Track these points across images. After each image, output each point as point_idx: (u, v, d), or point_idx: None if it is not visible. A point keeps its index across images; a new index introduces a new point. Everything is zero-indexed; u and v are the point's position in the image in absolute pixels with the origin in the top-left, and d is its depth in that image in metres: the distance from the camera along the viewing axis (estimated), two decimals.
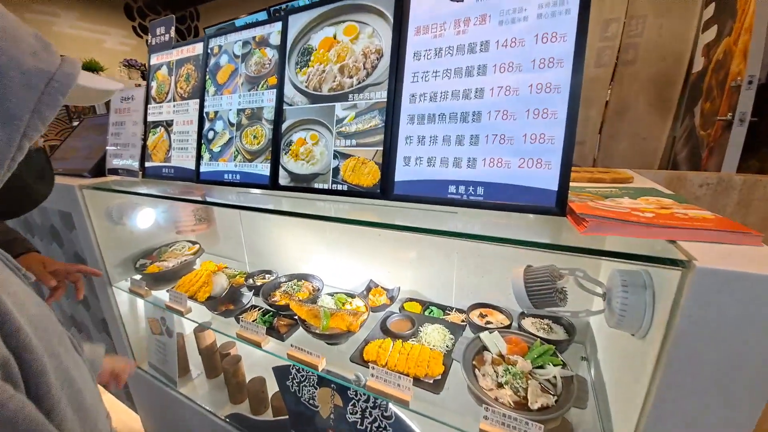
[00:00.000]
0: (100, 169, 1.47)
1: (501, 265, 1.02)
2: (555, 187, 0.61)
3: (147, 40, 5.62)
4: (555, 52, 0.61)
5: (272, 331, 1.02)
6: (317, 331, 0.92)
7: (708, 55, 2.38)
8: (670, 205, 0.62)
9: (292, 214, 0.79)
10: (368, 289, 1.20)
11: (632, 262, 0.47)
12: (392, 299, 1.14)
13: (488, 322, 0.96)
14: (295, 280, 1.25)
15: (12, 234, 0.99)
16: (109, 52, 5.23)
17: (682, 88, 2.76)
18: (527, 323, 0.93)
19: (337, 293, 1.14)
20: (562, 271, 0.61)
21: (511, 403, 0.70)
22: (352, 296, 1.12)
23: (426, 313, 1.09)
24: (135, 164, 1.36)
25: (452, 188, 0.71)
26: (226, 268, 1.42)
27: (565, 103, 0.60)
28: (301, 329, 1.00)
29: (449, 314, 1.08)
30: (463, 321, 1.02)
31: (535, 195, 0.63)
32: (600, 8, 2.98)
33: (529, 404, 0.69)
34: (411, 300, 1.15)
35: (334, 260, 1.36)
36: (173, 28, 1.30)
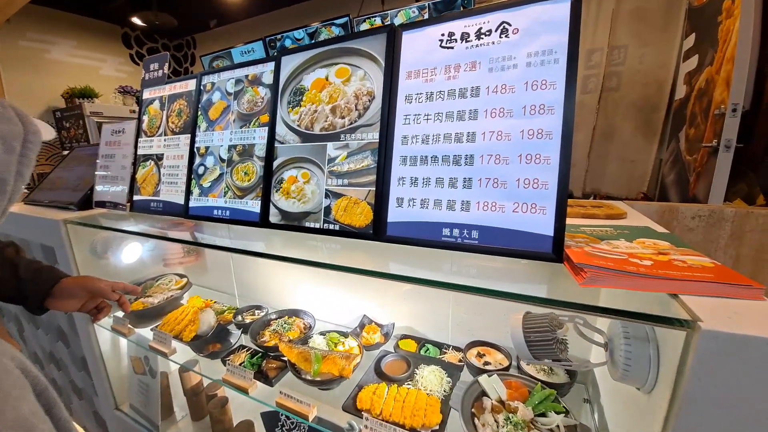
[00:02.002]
0: (87, 201, 1.44)
1: (498, 302, 0.99)
2: (551, 233, 0.60)
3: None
4: (545, 100, 0.62)
5: (260, 375, 0.97)
6: (308, 377, 0.88)
7: (690, 83, 2.47)
8: (668, 249, 0.61)
9: (284, 258, 0.76)
10: (362, 325, 1.16)
11: (635, 320, 0.45)
12: (387, 336, 1.10)
13: (486, 363, 0.93)
14: (286, 317, 1.21)
15: (36, 263, 0.89)
16: (105, 79, 5.28)
17: (665, 113, 2.85)
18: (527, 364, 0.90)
19: (329, 332, 1.10)
20: (561, 319, 0.60)
21: None
22: (345, 335, 1.08)
23: (422, 351, 1.05)
24: (123, 197, 1.34)
25: (446, 231, 0.69)
26: (214, 303, 1.38)
27: (558, 150, 0.60)
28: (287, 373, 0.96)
29: (446, 352, 1.04)
30: (460, 361, 0.98)
31: (530, 240, 0.62)
32: (584, 39, 3.11)
33: None
34: (406, 337, 1.12)
35: (327, 294, 1.32)
36: (167, 65, 1.31)
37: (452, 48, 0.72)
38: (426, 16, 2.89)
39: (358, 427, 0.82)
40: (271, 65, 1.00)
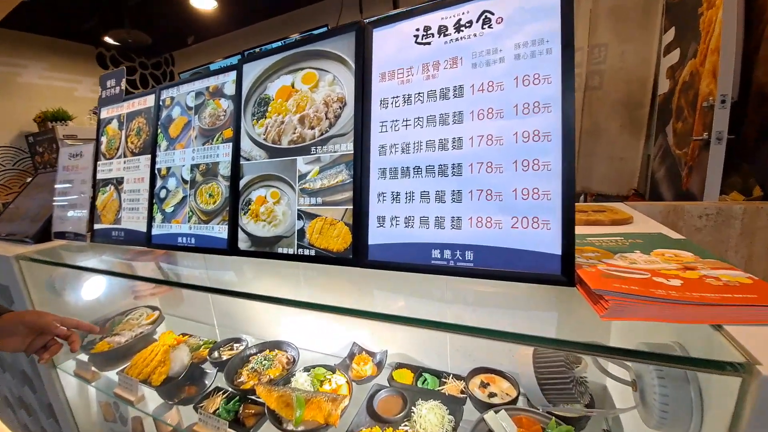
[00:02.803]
0: (46, 232, 1.32)
1: (502, 324, 0.89)
2: (558, 251, 0.51)
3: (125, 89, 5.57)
4: (539, 96, 0.53)
5: (237, 424, 0.85)
6: (289, 427, 0.76)
7: (673, 77, 2.45)
8: (693, 263, 0.52)
9: (258, 297, 0.66)
10: (351, 355, 1.04)
11: (679, 366, 0.36)
12: (379, 366, 0.99)
13: (492, 394, 0.82)
14: (267, 351, 1.09)
15: None
16: (80, 101, 5.12)
17: (650, 109, 2.84)
18: None
19: (314, 367, 0.99)
20: (578, 354, 0.50)
21: None
22: (332, 370, 0.97)
23: (419, 382, 0.95)
24: (83, 227, 1.22)
25: (436, 252, 0.60)
26: (189, 338, 1.25)
27: (559, 152, 0.51)
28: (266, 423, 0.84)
29: (446, 382, 0.93)
30: (462, 392, 0.88)
31: (535, 260, 0.52)
32: None
33: None
34: (401, 366, 1.00)
35: (312, 320, 1.21)
36: (124, 80, 1.21)
37: (429, 44, 0.63)
38: None
39: None
40: (232, 75, 0.90)
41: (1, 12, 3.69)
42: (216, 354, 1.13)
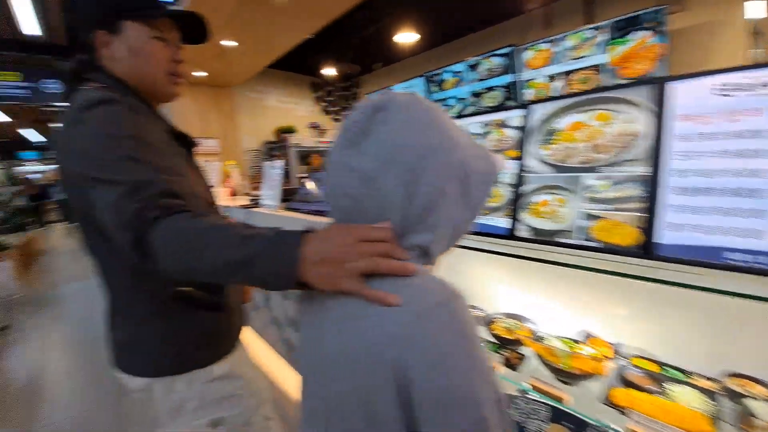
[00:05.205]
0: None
1: (763, 329, 0.94)
2: None
3: (325, 107, 7.19)
4: None
5: (504, 362, 1.20)
6: (559, 367, 1.05)
7: None
8: None
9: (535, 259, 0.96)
10: (585, 337, 1.25)
11: None
12: (616, 352, 1.16)
13: (748, 392, 0.91)
14: (509, 319, 1.41)
15: None
16: (300, 118, 6.85)
17: None
18: None
19: (561, 337, 1.24)
20: None
21: None
22: (577, 342, 1.20)
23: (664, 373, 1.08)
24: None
25: (729, 255, 0.77)
26: None
27: None
28: (529, 362, 1.15)
29: (692, 379, 1.04)
30: (715, 389, 0.97)
31: None
32: None
33: None
34: (638, 357, 1.15)
35: (543, 306, 1.42)
36: None
37: (728, 95, 0.81)
38: (608, 35, 2.85)
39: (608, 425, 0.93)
40: (517, 112, 1.26)
41: (272, 56, 5.18)
42: None
